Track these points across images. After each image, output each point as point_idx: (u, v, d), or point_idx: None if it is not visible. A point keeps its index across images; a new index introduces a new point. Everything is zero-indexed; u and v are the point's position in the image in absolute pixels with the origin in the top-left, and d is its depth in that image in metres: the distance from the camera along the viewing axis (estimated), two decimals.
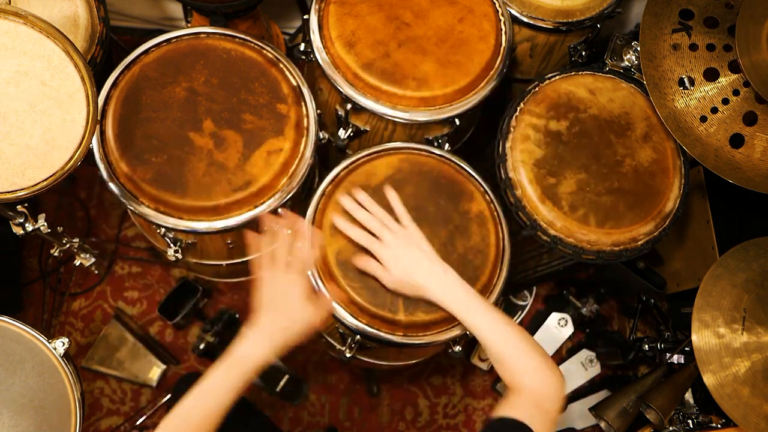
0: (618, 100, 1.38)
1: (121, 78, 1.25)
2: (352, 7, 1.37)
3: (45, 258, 1.92)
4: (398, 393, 1.95)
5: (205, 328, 1.86)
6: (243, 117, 1.24)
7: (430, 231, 1.23)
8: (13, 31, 1.00)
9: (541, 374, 1.00)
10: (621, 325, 2.09)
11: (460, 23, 1.39)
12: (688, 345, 1.34)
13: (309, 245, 1.11)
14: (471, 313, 1.06)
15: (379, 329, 1.19)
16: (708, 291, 1.32)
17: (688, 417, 1.47)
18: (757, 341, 1.28)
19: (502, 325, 1.04)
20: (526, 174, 1.30)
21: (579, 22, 1.50)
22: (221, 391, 0.94)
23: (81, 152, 1.07)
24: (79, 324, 1.89)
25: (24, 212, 1.21)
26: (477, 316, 1.05)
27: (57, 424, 1.14)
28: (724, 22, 1.27)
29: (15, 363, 1.15)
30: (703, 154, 1.27)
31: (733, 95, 1.26)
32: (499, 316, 1.05)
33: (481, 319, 1.05)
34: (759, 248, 1.35)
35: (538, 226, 1.29)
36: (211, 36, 1.31)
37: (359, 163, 1.30)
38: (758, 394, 1.26)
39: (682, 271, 1.77)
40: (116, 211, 2.00)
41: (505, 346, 1.02)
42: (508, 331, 1.03)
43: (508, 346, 1.02)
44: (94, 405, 1.83)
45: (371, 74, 1.31)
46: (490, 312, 1.06)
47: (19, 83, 1.02)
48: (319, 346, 1.94)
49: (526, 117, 1.34)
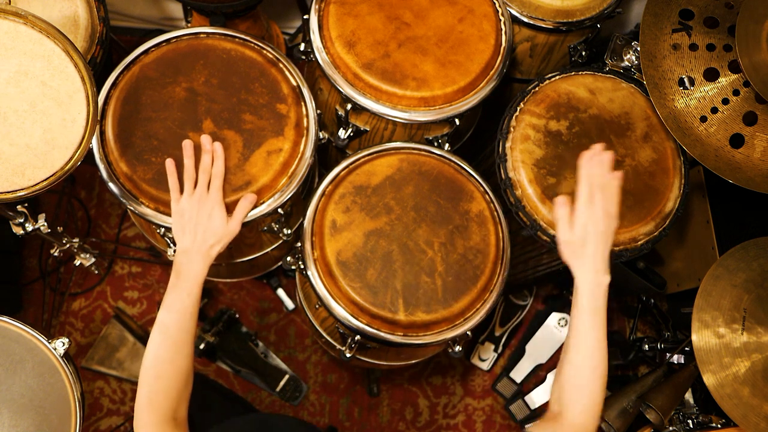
0: (618, 100, 1.38)
1: (121, 78, 1.25)
2: (352, 7, 1.37)
3: (45, 258, 1.92)
4: (398, 393, 1.95)
5: (204, 328, 1.86)
6: (243, 117, 1.24)
7: (430, 231, 1.23)
8: (13, 31, 1.00)
9: (588, 415, 1.00)
10: (621, 325, 2.09)
11: (460, 23, 1.39)
12: (688, 345, 1.34)
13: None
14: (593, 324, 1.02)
15: (378, 329, 1.19)
16: (708, 291, 1.32)
17: (688, 417, 1.47)
18: (757, 341, 1.28)
19: (605, 359, 1.02)
20: (526, 174, 1.30)
21: (579, 22, 1.50)
22: (179, 316, 1.03)
23: (81, 152, 1.07)
24: (79, 324, 1.89)
25: (24, 212, 1.21)
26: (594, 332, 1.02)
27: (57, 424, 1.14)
28: (724, 22, 1.27)
29: (15, 363, 1.15)
30: (703, 154, 1.27)
31: (733, 95, 1.26)
32: (605, 350, 1.03)
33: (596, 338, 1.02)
34: (759, 248, 1.35)
35: (538, 226, 1.29)
36: (211, 36, 1.31)
37: (359, 163, 1.30)
38: (758, 394, 1.26)
39: (682, 271, 1.77)
40: (116, 211, 2.01)
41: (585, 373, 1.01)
42: (604, 370, 1.02)
43: (588, 375, 1.01)
44: (94, 405, 1.83)
45: (371, 74, 1.31)
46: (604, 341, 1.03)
47: (19, 83, 1.02)
48: (319, 346, 1.94)
49: (526, 117, 1.34)
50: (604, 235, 1.06)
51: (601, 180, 1.09)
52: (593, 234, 1.05)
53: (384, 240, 1.22)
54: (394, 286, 1.19)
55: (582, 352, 1.01)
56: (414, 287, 1.19)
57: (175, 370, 1.00)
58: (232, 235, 1.14)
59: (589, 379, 1.00)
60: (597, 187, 1.08)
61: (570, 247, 1.07)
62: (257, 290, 1.99)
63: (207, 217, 1.11)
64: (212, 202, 1.13)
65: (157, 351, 1.00)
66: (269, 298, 1.98)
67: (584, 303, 1.02)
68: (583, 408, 1.00)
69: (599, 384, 1.00)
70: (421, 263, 1.21)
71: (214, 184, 1.15)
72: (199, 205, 1.12)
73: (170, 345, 1.01)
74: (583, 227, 1.06)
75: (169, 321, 1.02)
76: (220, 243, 1.12)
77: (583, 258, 1.05)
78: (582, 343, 1.02)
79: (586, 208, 1.07)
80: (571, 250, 1.07)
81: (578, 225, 1.07)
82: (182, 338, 1.02)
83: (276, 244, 1.51)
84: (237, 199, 1.19)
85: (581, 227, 1.06)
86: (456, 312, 1.20)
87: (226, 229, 1.13)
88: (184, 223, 1.12)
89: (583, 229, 1.06)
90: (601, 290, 1.03)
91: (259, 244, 1.49)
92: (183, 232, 1.11)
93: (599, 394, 1.00)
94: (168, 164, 1.15)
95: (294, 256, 1.36)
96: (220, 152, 1.17)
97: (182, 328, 1.03)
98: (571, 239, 1.07)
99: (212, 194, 1.14)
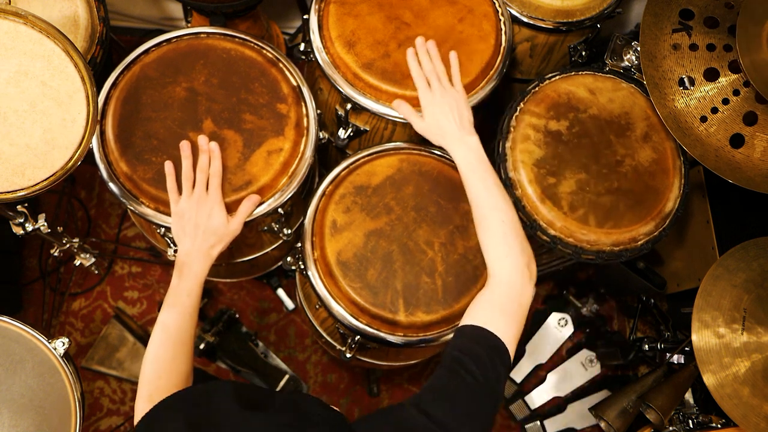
0: (618, 100, 1.38)
1: (121, 78, 1.25)
2: (352, 7, 1.37)
3: (45, 258, 1.92)
4: (398, 393, 1.95)
5: (204, 328, 1.86)
6: (243, 117, 1.24)
7: (430, 231, 1.23)
8: (13, 31, 1.00)
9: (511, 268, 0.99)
10: (621, 325, 2.09)
11: (460, 23, 1.39)
12: (688, 345, 1.34)
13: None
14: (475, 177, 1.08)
15: (378, 329, 1.19)
16: (708, 291, 1.32)
17: (688, 417, 1.47)
18: (757, 341, 1.28)
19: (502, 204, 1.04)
20: (526, 174, 1.30)
21: (579, 22, 1.50)
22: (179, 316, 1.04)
23: (81, 152, 1.07)
24: (79, 324, 1.89)
25: (24, 212, 1.21)
26: (480, 183, 1.07)
27: (57, 424, 1.14)
28: (724, 22, 1.27)
29: (15, 363, 1.15)
30: (703, 154, 1.27)
31: (734, 95, 1.26)
32: (502, 196, 1.06)
33: (483, 187, 1.06)
34: (759, 248, 1.35)
35: (538, 226, 1.29)
36: (211, 36, 1.31)
37: (359, 163, 1.30)
38: (758, 394, 1.26)
39: (682, 271, 1.77)
40: (116, 211, 2.01)
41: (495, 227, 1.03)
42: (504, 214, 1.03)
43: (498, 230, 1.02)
44: (94, 405, 1.83)
45: (371, 74, 1.31)
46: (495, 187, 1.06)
47: (19, 83, 1.02)
48: (319, 346, 1.94)
49: (526, 117, 1.34)
50: (454, 105, 1.16)
51: (428, 66, 1.22)
52: (441, 113, 1.16)
53: (384, 240, 1.22)
54: (394, 286, 1.19)
55: (480, 204, 1.06)
56: (414, 287, 1.19)
57: (175, 369, 1.00)
58: (233, 235, 1.14)
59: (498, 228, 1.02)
60: (429, 73, 1.21)
61: (429, 133, 1.17)
62: (257, 290, 1.99)
63: (207, 217, 1.11)
64: (211, 201, 1.13)
65: (157, 350, 1.01)
66: (269, 298, 1.98)
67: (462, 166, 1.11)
68: (503, 261, 1.00)
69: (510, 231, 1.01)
70: (421, 263, 1.21)
71: (212, 184, 1.14)
72: (198, 206, 1.12)
73: (171, 344, 1.01)
74: (431, 113, 1.17)
75: (170, 320, 1.03)
76: (221, 243, 1.12)
77: (446, 136, 1.14)
78: (476, 197, 1.07)
79: (426, 93, 1.19)
80: (432, 135, 1.17)
81: (426, 113, 1.17)
82: (182, 338, 1.02)
83: (276, 244, 1.51)
84: (238, 198, 1.19)
85: (429, 114, 1.17)
86: (456, 312, 1.20)
87: (226, 229, 1.13)
88: (183, 224, 1.11)
89: (432, 114, 1.16)
90: (471, 149, 1.12)
91: (259, 244, 1.48)
92: (183, 233, 1.11)
93: (515, 243, 1.01)
94: (167, 166, 1.15)
95: (294, 256, 1.36)
96: (217, 152, 1.17)
97: (182, 328, 1.03)
98: (428, 126, 1.17)
99: (211, 194, 1.13)
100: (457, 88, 1.21)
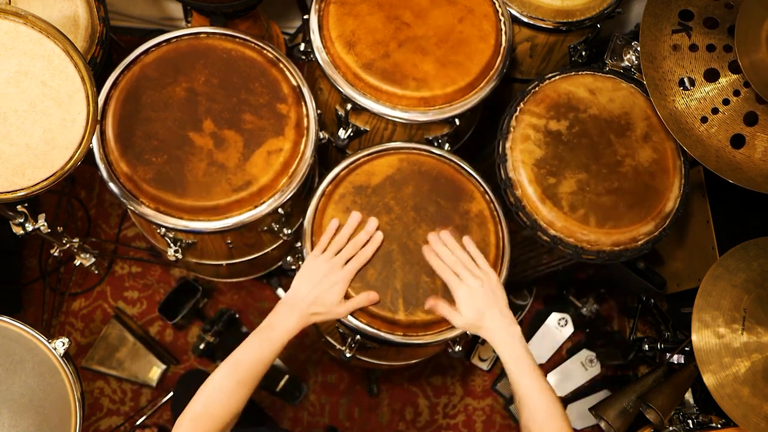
0: (618, 100, 1.38)
1: (121, 78, 1.25)
2: (352, 7, 1.37)
3: (45, 258, 1.92)
4: (398, 393, 1.95)
5: (205, 328, 1.86)
6: (243, 117, 1.24)
7: (429, 230, 1.23)
8: (13, 31, 1.00)
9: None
10: (621, 325, 2.09)
11: (460, 23, 1.39)
12: (688, 345, 1.34)
13: None
14: (521, 372, 1.07)
15: (378, 329, 1.19)
16: (708, 291, 1.32)
17: (688, 417, 1.47)
18: (757, 341, 1.28)
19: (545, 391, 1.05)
20: (526, 174, 1.30)
21: (579, 22, 1.50)
22: (253, 360, 1.03)
23: (81, 152, 1.07)
24: (79, 324, 1.89)
25: (24, 212, 1.21)
26: (526, 378, 1.06)
27: (57, 424, 1.14)
28: (724, 22, 1.27)
29: (15, 363, 1.15)
30: (704, 154, 1.27)
31: (734, 96, 1.26)
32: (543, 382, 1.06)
33: (528, 381, 1.06)
34: (759, 248, 1.35)
35: (538, 226, 1.29)
36: (211, 36, 1.31)
37: (359, 163, 1.30)
38: (758, 394, 1.26)
39: (682, 271, 1.77)
40: (116, 211, 2.01)
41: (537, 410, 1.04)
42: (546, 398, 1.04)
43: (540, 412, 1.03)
44: (94, 405, 1.83)
45: (371, 74, 1.31)
46: (538, 376, 1.07)
47: (19, 83, 1.02)
48: (319, 346, 1.94)
49: (526, 117, 1.34)
50: (490, 296, 1.11)
51: (450, 258, 1.15)
52: (484, 304, 1.10)
53: (384, 240, 1.22)
54: (394, 285, 1.18)
55: (526, 401, 1.05)
56: (414, 287, 1.19)
57: (227, 404, 1.00)
58: (336, 317, 1.14)
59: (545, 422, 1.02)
60: (454, 265, 1.14)
61: (472, 327, 1.12)
62: (257, 290, 1.99)
63: (328, 287, 1.12)
64: (341, 277, 1.13)
65: (220, 381, 1.01)
66: (269, 298, 1.98)
67: (507, 359, 1.08)
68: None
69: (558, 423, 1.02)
70: (421, 263, 1.20)
71: (352, 263, 1.15)
72: (328, 272, 1.13)
73: (235, 382, 1.01)
74: (471, 306, 1.11)
75: (243, 360, 1.03)
76: (322, 315, 1.12)
77: (487, 329, 1.10)
78: (522, 394, 1.05)
79: (459, 287, 1.12)
80: (474, 328, 1.12)
81: (463, 307, 1.11)
82: (247, 379, 1.03)
83: (276, 244, 1.51)
84: (237, 198, 1.19)
85: (470, 308, 1.11)
86: None
87: (335, 308, 1.13)
88: (308, 277, 1.13)
89: (472, 307, 1.11)
90: (516, 340, 1.09)
91: (259, 244, 1.49)
92: (301, 283, 1.12)
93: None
94: (333, 223, 1.18)
95: (294, 256, 1.36)
96: (377, 242, 1.18)
97: (251, 371, 1.03)
98: (467, 321, 1.11)
99: (346, 270, 1.14)
100: (487, 271, 1.15)
